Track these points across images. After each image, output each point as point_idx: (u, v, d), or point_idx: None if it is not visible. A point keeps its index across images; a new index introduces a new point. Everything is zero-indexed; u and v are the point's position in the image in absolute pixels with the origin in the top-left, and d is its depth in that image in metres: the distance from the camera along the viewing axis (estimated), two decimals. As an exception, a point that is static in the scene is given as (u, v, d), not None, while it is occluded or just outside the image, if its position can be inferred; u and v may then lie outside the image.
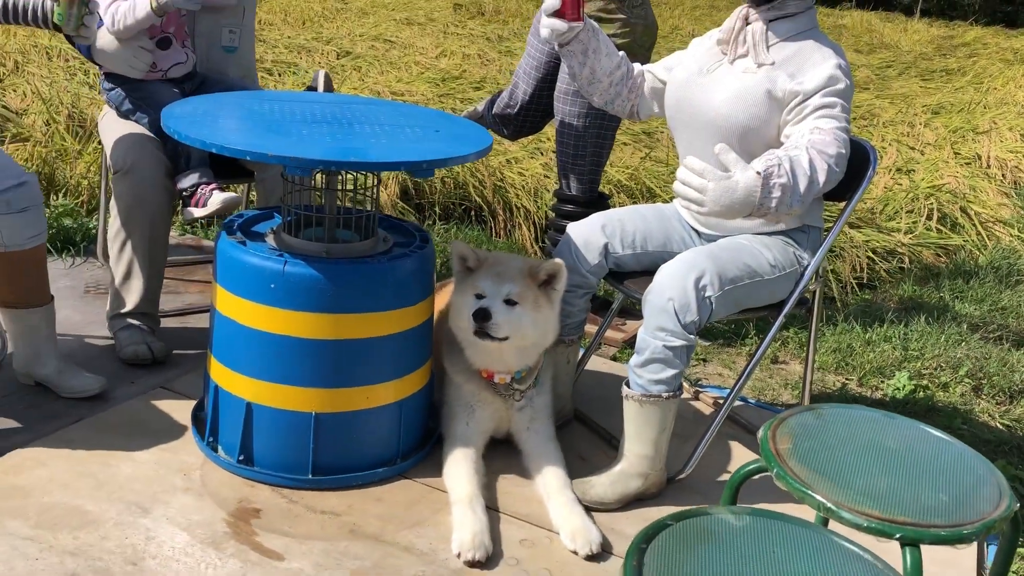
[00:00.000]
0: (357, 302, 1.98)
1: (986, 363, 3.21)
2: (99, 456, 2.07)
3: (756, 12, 2.11)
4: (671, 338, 2.00)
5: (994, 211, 4.98)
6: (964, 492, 1.46)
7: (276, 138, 1.88)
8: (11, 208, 2.13)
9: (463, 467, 2.08)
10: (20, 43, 6.58)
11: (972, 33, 19.77)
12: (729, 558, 1.22)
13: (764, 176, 1.83)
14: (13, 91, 5.56)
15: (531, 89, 3.11)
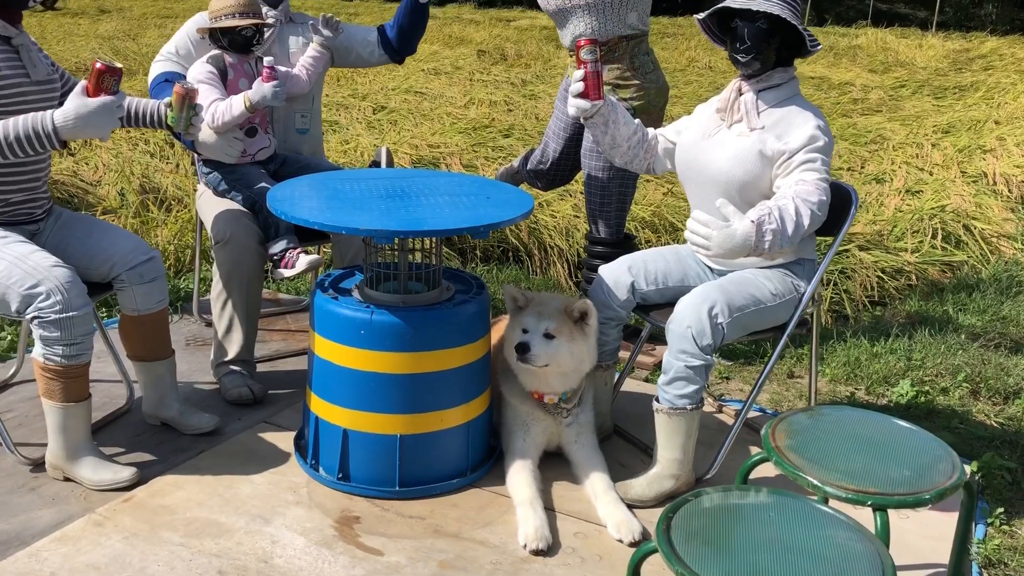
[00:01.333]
0: (430, 342, 2.41)
1: (984, 368, 3.57)
2: (223, 480, 2.51)
3: (747, 84, 2.53)
4: (691, 359, 2.41)
5: (999, 226, 5.32)
6: (924, 468, 1.85)
7: (361, 214, 2.33)
8: (143, 279, 2.59)
9: (523, 475, 2.49)
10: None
11: (989, 44, 20.01)
12: (735, 521, 1.62)
13: (757, 224, 2.24)
14: (85, 164, 6.12)
15: (560, 147, 3.55)
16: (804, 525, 1.62)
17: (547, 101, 9.72)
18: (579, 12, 3.18)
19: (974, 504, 1.91)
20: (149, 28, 16.00)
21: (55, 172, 5.61)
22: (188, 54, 3.10)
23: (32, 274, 2.32)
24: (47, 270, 2.33)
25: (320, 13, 3.44)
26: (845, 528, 1.62)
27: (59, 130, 2.25)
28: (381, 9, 24.47)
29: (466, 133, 7.50)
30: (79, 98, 2.26)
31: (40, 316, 2.32)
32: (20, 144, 2.24)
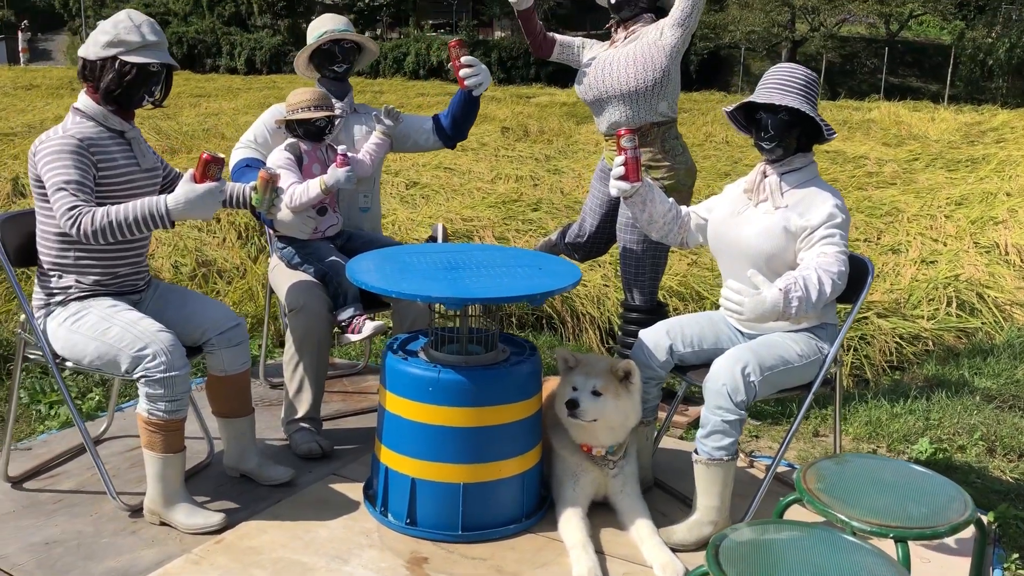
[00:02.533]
0: (490, 398, 2.69)
1: (999, 427, 3.79)
2: (301, 525, 2.77)
3: (771, 168, 2.84)
4: (727, 414, 2.67)
5: (1012, 295, 5.57)
6: (939, 507, 2.09)
7: (431, 283, 2.63)
8: (231, 343, 2.89)
9: (575, 521, 2.74)
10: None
11: (1000, 117, 20.42)
12: (776, 549, 1.87)
13: (785, 291, 2.53)
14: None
15: (596, 222, 3.86)
16: (836, 553, 1.86)
17: (571, 176, 10.11)
18: (615, 102, 3.52)
19: (985, 540, 2.15)
20: (184, 107, 16.69)
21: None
22: (265, 142, 3.45)
23: (141, 338, 2.62)
24: (154, 334, 2.63)
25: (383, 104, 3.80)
26: (872, 555, 1.86)
27: (171, 212, 2.58)
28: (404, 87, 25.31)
29: (496, 207, 7.86)
30: (188, 184, 2.60)
31: (147, 375, 2.62)
32: (137, 225, 2.57)
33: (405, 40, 34.39)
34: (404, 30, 36.47)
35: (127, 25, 2.66)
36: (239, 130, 12.75)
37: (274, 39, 36.61)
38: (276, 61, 36.19)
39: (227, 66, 36.10)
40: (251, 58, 35.87)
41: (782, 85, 2.73)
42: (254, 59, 35.81)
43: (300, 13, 37.19)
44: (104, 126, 2.71)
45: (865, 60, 29.58)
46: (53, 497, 2.89)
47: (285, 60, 35.87)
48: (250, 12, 38.08)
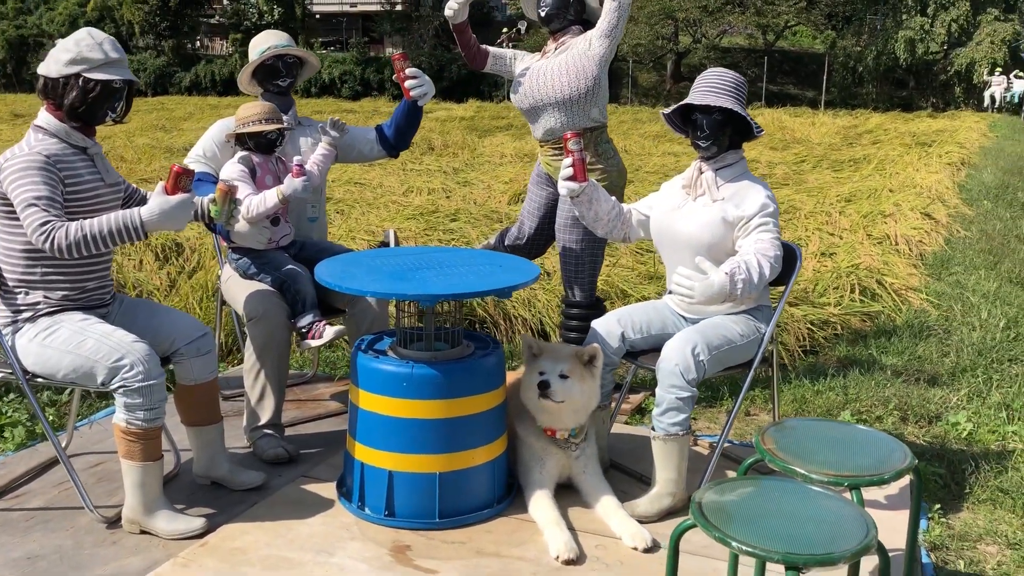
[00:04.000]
0: (461, 390, 2.83)
1: (909, 398, 4.14)
2: (282, 524, 2.85)
3: (707, 164, 3.08)
4: (680, 391, 2.89)
5: (905, 281, 6.02)
6: (882, 457, 2.34)
7: (404, 283, 2.76)
8: (200, 352, 2.95)
9: (545, 501, 2.90)
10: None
11: (873, 120, 21.66)
12: (750, 500, 2.07)
13: (730, 275, 2.76)
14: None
15: (535, 224, 4.05)
16: (802, 499, 2.08)
17: (480, 187, 10.31)
18: (550, 109, 3.71)
19: (922, 482, 2.41)
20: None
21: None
22: (214, 156, 3.52)
23: (117, 349, 2.67)
24: (129, 345, 2.68)
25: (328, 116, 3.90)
26: (834, 499, 2.09)
27: (146, 224, 2.64)
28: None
29: (415, 219, 7.97)
30: (161, 196, 2.66)
31: (125, 385, 2.66)
32: (112, 237, 2.62)
33: (295, 59, 34.01)
34: (293, 49, 36.08)
35: (89, 43, 2.71)
36: (138, 152, 12.49)
37: (158, 60, 35.73)
38: (161, 83, 35.34)
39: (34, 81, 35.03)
40: (134, 80, 34.92)
41: (715, 88, 2.97)
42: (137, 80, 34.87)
43: (185, 34, 36.43)
44: (67, 143, 2.75)
45: (746, 69, 30.78)
46: (24, 515, 2.89)
47: (171, 81, 35.08)
48: (131, 33, 37.08)
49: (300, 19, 36.14)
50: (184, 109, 23.72)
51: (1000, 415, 4.00)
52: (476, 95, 29.67)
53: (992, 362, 4.68)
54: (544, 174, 3.95)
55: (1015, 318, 5.43)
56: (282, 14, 35.45)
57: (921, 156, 12.91)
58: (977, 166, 12.72)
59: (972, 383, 4.40)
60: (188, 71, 35.47)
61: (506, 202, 9.31)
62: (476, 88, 30.69)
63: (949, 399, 4.19)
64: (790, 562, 1.86)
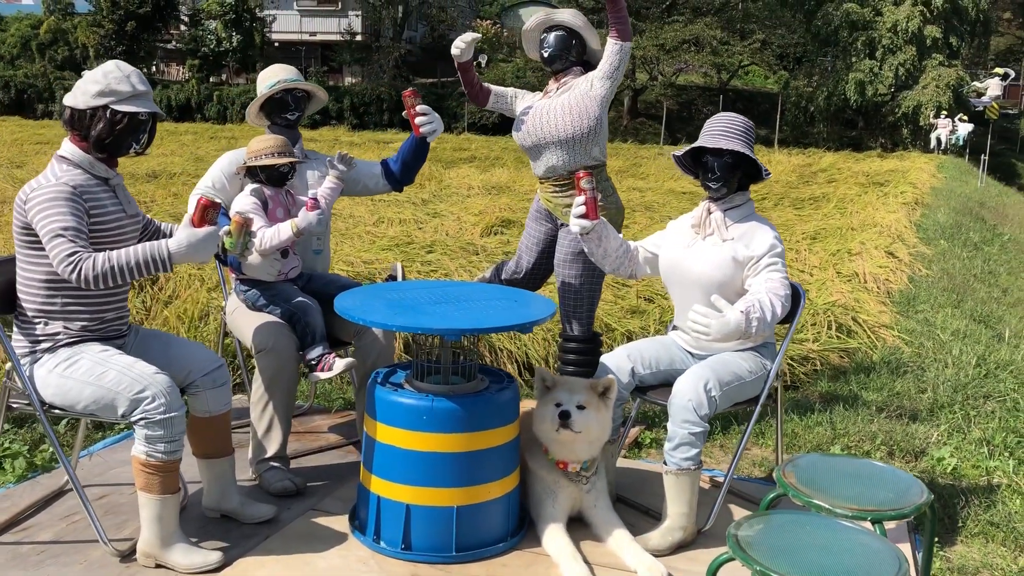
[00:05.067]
0: (479, 424, 2.86)
1: (894, 433, 4.26)
2: (298, 558, 2.85)
3: (715, 205, 3.17)
4: (693, 427, 2.95)
5: (877, 318, 6.18)
6: (901, 491, 2.43)
7: (426, 317, 2.80)
8: (215, 384, 2.95)
9: (559, 534, 2.94)
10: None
11: (827, 159, 22.20)
12: (783, 533, 2.13)
13: (745, 313, 2.84)
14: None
15: (533, 259, 4.10)
16: (834, 533, 2.15)
17: (451, 218, 10.36)
18: (552, 147, 3.79)
19: (935, 518, 2.50)
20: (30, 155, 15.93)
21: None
22: (223, 187, 3.52)
23: (139, 381, 2.65)
24: (151, 377, 2.67)
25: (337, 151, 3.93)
26: (863, 533, 2.16)
27: (173, 256, 2.64)
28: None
29: (390, 250, 7.99)
30: (188, 229, 2.67)
31: (147, 417, 2.65)
32: (139, 269, 2.62)
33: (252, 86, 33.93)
34: (251, 76, 35.92)
35: (117, 75, 2.72)
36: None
37: (112, 84, 35.25)
38: (115, 107, 34.80)
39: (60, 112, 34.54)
40: (87, 104, 34.43)
41: (726, 131, 3.07)
42: (91, 105, 34.38)
43: (141, 58, 36.07)
44: (90, 173, 2.75)
45: (701, 107, 31.44)
46: (34, 549, 2.84)
47: (125, 106, 34.61)
48: (85, 57, 36.63)
49: (259, 47, 36.02)
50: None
51: (981, 450, 4.13)
52: (436, 126, 29.78)
53: (968, 398, 4.83)
54: (544, 210, 4.02)
55: (983, 355, 5.61)
56: (241, 41, 35.31)
57: (879, 196, 13.28)
58: (930, 206, 13.10)
59: (951, 419, 4.53)
60: (143, 96, 35.08)
61: (479, 234, 9.37)
62: (435, 119, 30.84)
63: (931, 435, 4.31)
64: (832, 594, 1.92)
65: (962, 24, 28.19)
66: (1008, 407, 4.68)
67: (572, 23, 3.83)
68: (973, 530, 3.38)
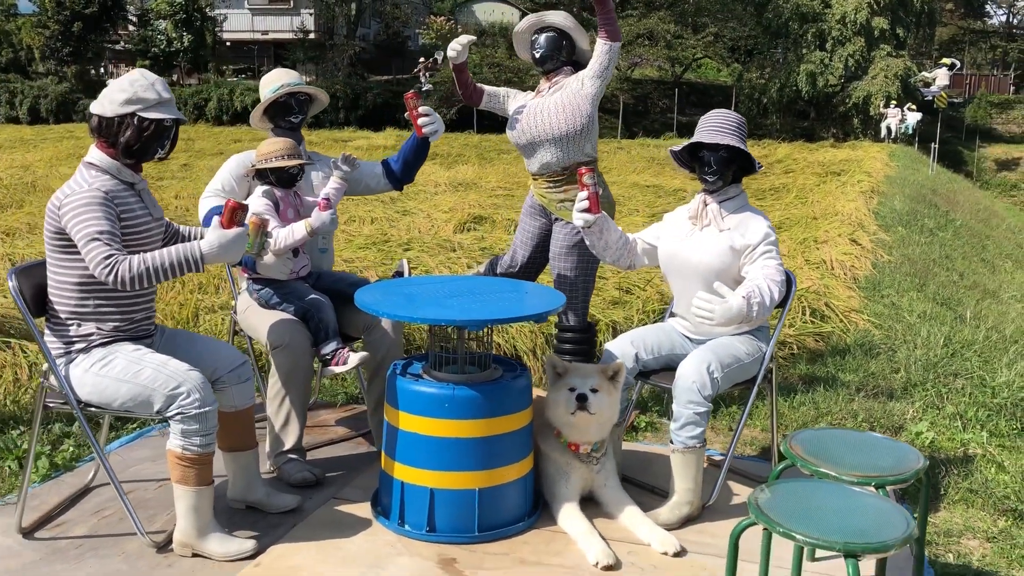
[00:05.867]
0: (497, 410, 3.01)
1: (873, 411, 4.49)
2: (327, 544, 2.97)
3: (711, 197, 3.35)
4: (697, 406, 3.13)
5: (847, 303, 6.44)
6: (900, 458, 2.62)
7: (447, 310, 2.93)
8: (240, 379, 3.06)
9: (574, 512, 3.09)
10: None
11: (782, 150, 22.61)
12: (799, 498, 2.31)
13: (746, 298, 3.02)
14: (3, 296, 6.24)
15: (528, 253, 4.25)
16: (845, 497, 2.33)
17: (421, 216, 10.46)
18: (547, 145, 3.94)
19: (929, 484, 2.70)
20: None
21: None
22: (232, 190, 3.62)
23: (174, 377, 2.76)
24: (185, 373, 2.78)
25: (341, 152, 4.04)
26: (871, 496, 2.34)
27: (205, 256, 2.75)
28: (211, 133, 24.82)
29: (367, 248, 8.09)
30: (218, 230, 2.78)
31: (183, 412, 2.75)
32: (173, 270, 2.72)
33: (205, 86, 33.60)
34: (204, 76, 35.59)
35: (143, 83, 2.81)
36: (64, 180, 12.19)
37: (60, 86, 34.69)
38: (64, 110, 34.28)
39: (7, 115, 33.89)
40: (35, 107, 33.81)
41: (721, 127, 3.25)
42: (39, 108, 33.79)
43: (89, 60, 35.52)
44: (118, 179, 2.84)
45: (657, 100, 31.80)
46: (72, 543, 2.93)
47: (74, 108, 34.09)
48: (31, 59, 35.97)
49: (211, 46, 35.66)
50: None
51: (956, 424, 4.38)
52: (393, 124, 29.75)
53: (938, 376, 5.09)
54: (538, 205, 4.16)
55: (950, 336, 5.88)
56: (192, 41, 34.93)
57: (838, 185, 13.64)
58: (886, 194, 13.49)
59: (924, 396, 4.78)
60: (93, 97, 34.46)
61: (451, 231, 9.50)
62: (393, 117, 30.76)
63: (907, 411, 4.55)
64: (850, 551, 2.10)
65: (908, 15, 28.87)
66: (976, 383, 4.94)
67: (563, 25, 3.99)
68: (954, 497, 3.61)
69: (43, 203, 10.19)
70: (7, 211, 9.76)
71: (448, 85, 27.06)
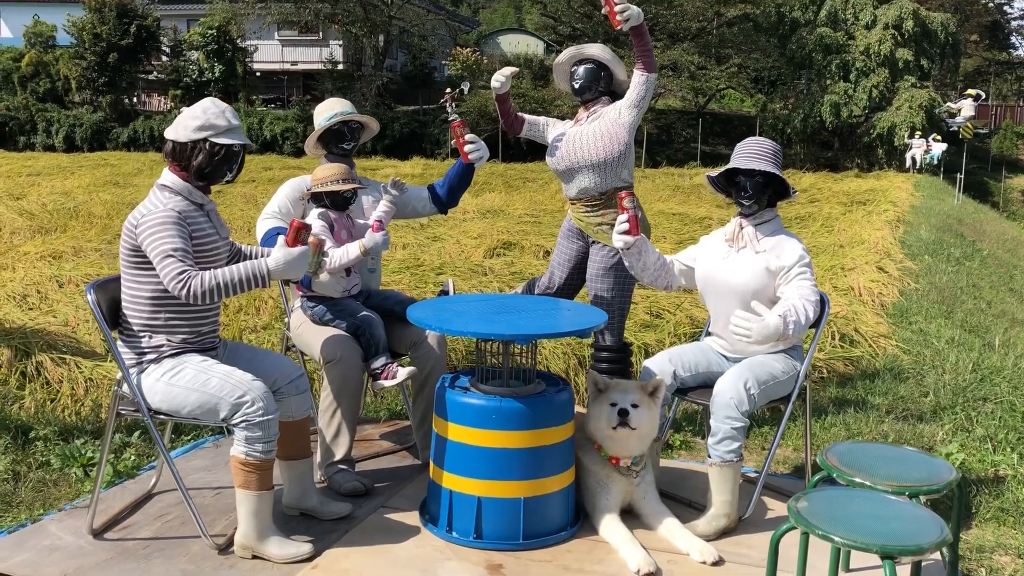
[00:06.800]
0: (542, 422, 3.14)
1: (903, 432, 4.57)
2: (381, 548, 3.10)
3: (747, 220, 3.49)
4: (735, 422, 3.25)
5: (875, 328, 6.53)
6: (933, 471, 2.73)
7: (492, 324, 3.08)
8: (298, 391, 3.21)
9: (616, 522, 3.22)
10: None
11: (807, 179, 22.68)
12: (836, 504, 2.42)
13: (783, 317, 3.15)
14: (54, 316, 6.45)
15: (565, 275, 4.40)
16: (880, 504, 2.45)
17: (451, 241, 10.65)
18: (585, 171, 4.10)
19: (963, 496, 2.80)
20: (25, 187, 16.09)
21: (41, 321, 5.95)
22: (288, 212, 3.81)
23: (239, 387, 2.92)
24: (249, 383, 2.94)
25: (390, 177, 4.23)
26: (905, 504, 2.46)
27: (272, 272, 2.92)
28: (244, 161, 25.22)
29: (401, 272, 8.26)
30: (283, 248, 2.95)
31: (247, 419, 2.91)
32: (242, 285, 2.89)
33: (236, 115, 34.10)
34: (234, 105, 36.17)
35: (215, 111, 3.00)
36: (107, 207, 12.51)
37: (95, 115, 35.41)
38: (98, 138, 34.96)
39: (43, 144, 34.63)
40: (70, 135, 34.55)
41: (757, 154, 3.40)
42: (74, 136, 34.52)
43: (123, 89, 36.23)
44: (189, 200, 3.02)
45: (680, 131, 31.97)
46: (139, 544, 3.09)
47: (107, 137, 34.78)
48: (67, 89, 36.74)
49: (241, 76, 36.27)
50: (130, 165, 23.61)
51: (986, 447, 4.46)
52: (420, 153, 30.14)
53: (967, 401, 5.16)
54: (576, 228, 4.31)
55: (979, 362, 5.95)
56: (223, 71, 35.55)
57: (863, 214, 13.71)
58: (912, 224, 13.54)
59: (954, 419, 4.86)
60: (126, 127, 35.21)
61: (482, 256, 9.67)
62: (419, 146, 31.17)
63: (937, 433, 4.63)
64: (887, 552, 2.22)
65: (932, 47, 28.94)
66: (1006, 408, 5.01)
67: (601, 57, 4.16)
68: (986, 516, 3.69)
69: (85, 228, 10.47)
70: (52, 235, 10.03)
71: (473, 115, 27.42)
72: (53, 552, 3.02)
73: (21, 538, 3.14)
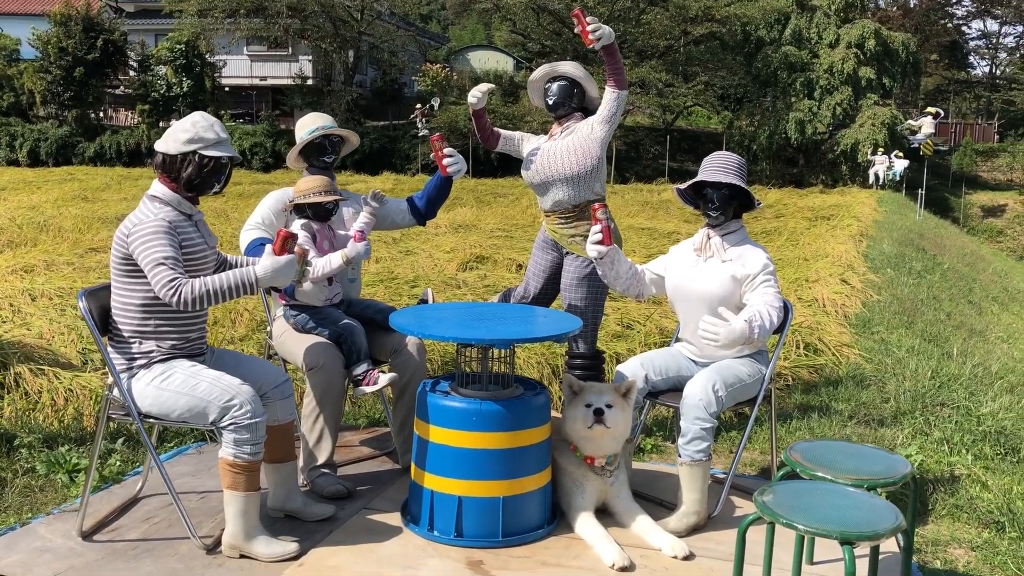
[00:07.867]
0: (520, 423, 3.27)
1: (865, 436, 4.75)
2: (363, 547, 3.21)
3: (714, 231, 3.65)
4: (704, 423, 3.40)
5: (838, 338, 6.73)
6: (890, 465, 2.89)
7: (472, 330, 3.21)
8: (283, 395, 3.32)
9: (591, 520, 3.35)
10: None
11: (772, 195, 23.06)
12: (799, 495, 2.57)
13: (749, 322, 3.31)
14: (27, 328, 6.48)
15: (540, 285, 4.54)
16: (840, 496, 2.60)
17: (423, 255, 10.76)
18: (559, 184, 4.24)
19: (917, 490, 2.96)
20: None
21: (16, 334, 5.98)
22: (271, 223, 3.91)
23: (228, 390, 3.02)
24: (238, 387, 3.04)
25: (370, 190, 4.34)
26: (864, 496, 2.61)
27: (260, 280, 3.02)
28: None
29: (375, 285, 8.36)
30: (271, 257, 3.06)
31: (236, 422, 3.01)
32: (231, 292, 2.99)
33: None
34: (203, 120, 35.97)
35: (204, 124, 3.11)
36: (75, 221, 12.49)
37: (60, 130, 35.13)
38: (64, 152, 34.68)
39: (7, 158, 34.30)
40: (35, 149, 34.25)
41: (723, 167, 3.56)
42: (38, 151, 34.23)
43: (89, 104, 36.00)
44: (178, 210, 3.13)
45: (648, 147, 32.35)
46: (128, 545, 3.17)
47: (73, 151, 34.52)
48: (31, 102, 36.43)
49: (210, 91, 36.18)
50: (98, 180, 23.47)
51: (943, 448, 4.65)
52: (390, 168, 30.23)
53: (926, 406, 5.36)
54: (550, 240, 4.46)
55: (937, 370, 6.17)
56: (191, 86, 35.44)
57: (827, 228, 14.02)
58: (875, 238, 13.87)
59: (913, 423, 5.05)
60: (92, 141, 34.98)
61: (455, 270, 9.79)
62: (389, 161, 31.26)
63: (897, 436, 4.82)
64: (846, 538, 2.37)
65: (894, 66, 29.60)
66: (962, 412, 5.21)
67: (574, 74, 4.32)
68: (941, 512, 3.87)
69: (57, 242, 10.46)
70: (21, 248, 10.01)
71: (444, 131, 27.58)
72: (44, 553, 3.10)
73: (12, 540, 3.21)
